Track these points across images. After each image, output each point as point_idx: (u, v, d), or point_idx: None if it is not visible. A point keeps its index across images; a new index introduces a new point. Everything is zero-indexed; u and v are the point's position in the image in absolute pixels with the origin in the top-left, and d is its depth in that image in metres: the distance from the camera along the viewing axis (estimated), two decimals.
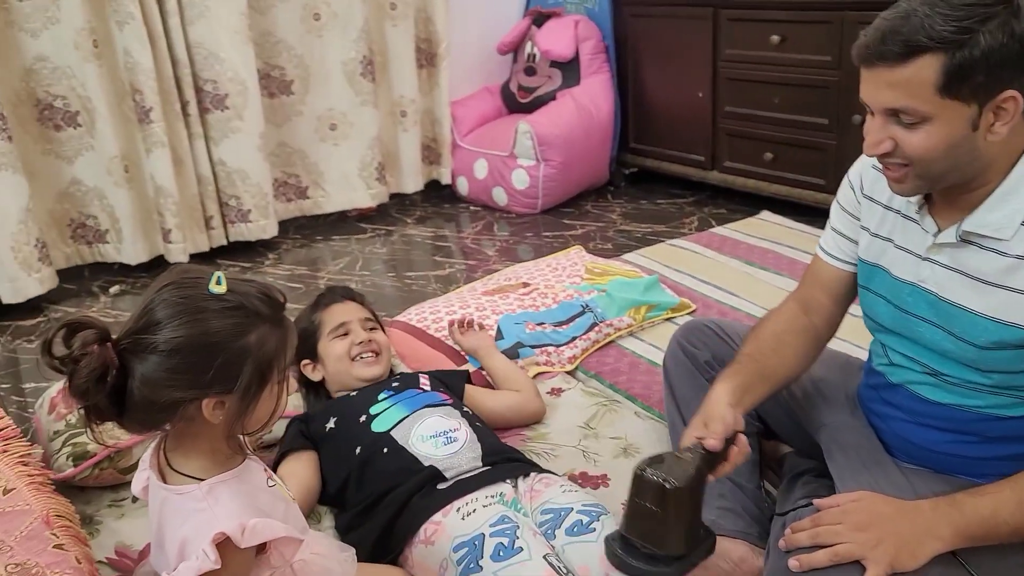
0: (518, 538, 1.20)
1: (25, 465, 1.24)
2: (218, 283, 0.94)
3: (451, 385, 1.65)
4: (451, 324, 1.93)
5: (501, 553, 1.18)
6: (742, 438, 1.19)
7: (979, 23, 0.97)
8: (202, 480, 0.97)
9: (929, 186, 1.10)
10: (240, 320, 0.94)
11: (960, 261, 1.12)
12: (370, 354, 1.63)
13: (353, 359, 1.62)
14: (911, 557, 1.06)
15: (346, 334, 1.64)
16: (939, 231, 1.14)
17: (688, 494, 1.08)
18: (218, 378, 0.92)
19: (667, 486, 1.05)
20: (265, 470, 1.07)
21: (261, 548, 1.00)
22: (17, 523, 1.05)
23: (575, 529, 1.23)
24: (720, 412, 1.19)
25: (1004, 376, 1.13)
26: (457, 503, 1.29)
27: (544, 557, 1.18)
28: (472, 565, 1.18)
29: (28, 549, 1.00)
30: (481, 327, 1.93)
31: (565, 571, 1.17)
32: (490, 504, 1.29)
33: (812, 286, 1.38)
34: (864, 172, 1.28)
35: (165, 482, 0.99)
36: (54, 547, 1.02)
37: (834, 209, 1.34)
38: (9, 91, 2.56)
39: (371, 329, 1.68)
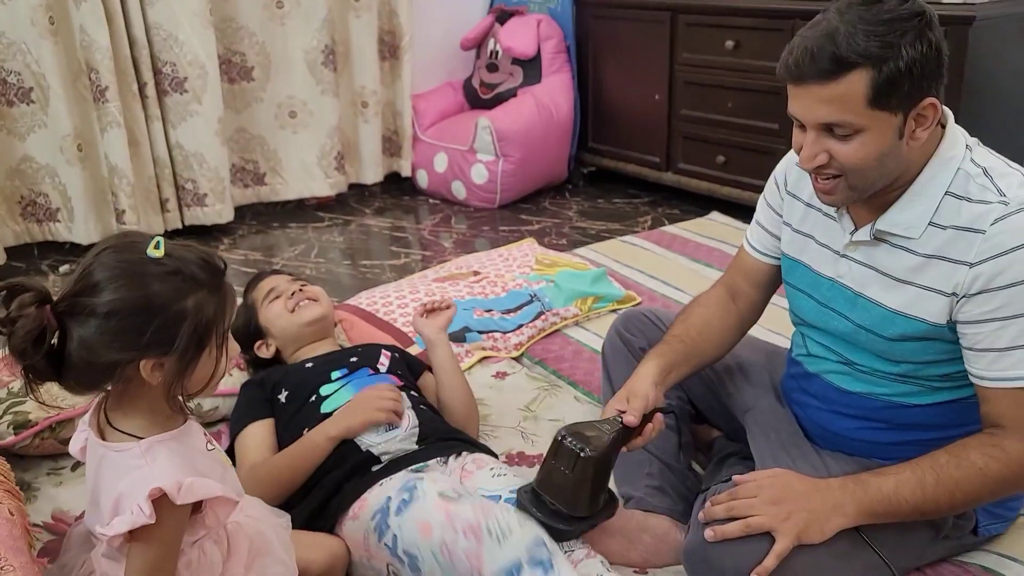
0: (416, 488, 1.24)
1: None
2: (156, 247, 0.95)
3: (411, 366, 1.66)
4: (417, 308, 1.89)
5: (401, 507, 1.23)
6: (659, 417, 1.27)
7: (899, 37, 1.02)
8: (141, 439, 0.98)
9: (858, 196, 1.15)
10: (178, 284, 0.95)
11: (873, 258, 1.18)
12: (305, 301, 1.66)
13: (291, 311, 1.64)
14: (819, 531, 1.12)
15: (278, 296, 1.67)
16: (856, 229, 1.20)
17: (600, 463, 1.17)
18: (155, 340, 0.93)
19: (582, 455, 1.16)
20: (204, 434, 1.08)
21: (196, 508, 1.01)
22: None
23: None
24: (643, 390, 1.26)
25: (911, 366, 1.20)
26: (384, 480, 1.32)
27: (438, 493, 1.21)
28: (383, 526, 1.23)
29: None
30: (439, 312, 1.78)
31: (456, 497, 1.21)
32: (407, 474, 1.31)
33: (737, 275, 1.45)
34: (788, 170, 1.33)
35: (104, 439, 1.00)
36: None
37: (760, 204, 1.40)
38: None
39: (301, 286, 1.69)
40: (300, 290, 1.67)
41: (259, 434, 1.47)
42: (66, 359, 0.94)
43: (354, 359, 1.58)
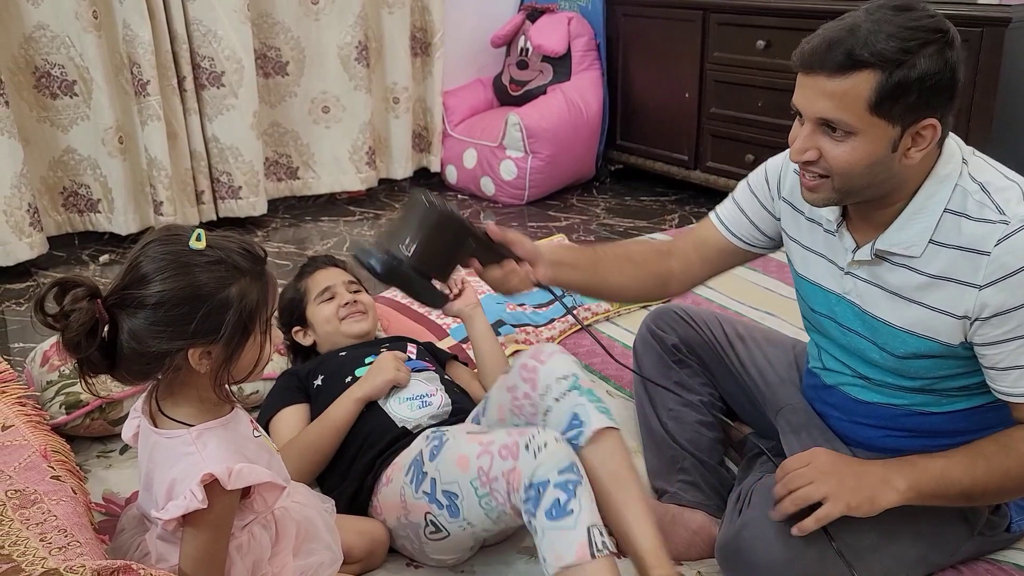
0: (445, 435, 1.28)
1: (22, 406, 1.29)
2: (198, 239, 0.98)
3: (437, 356, 1.70)
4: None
5: (434, 451, 1.26)
6: (527, 268, 1.26)
7: (919, 47, 1.01)
8: (191, 426, 1.02)
9: (840, 199, 1.14)
10: (222, 273, 0.98)
11: (878, 276, 1.18)
12: (357, 313, 1.69)
13: (342, 320, 1.68)
14: (869, 503, 1.11)
15: (332, 297, 1.70)
16: (856, 247, 1.19)
17: (444, 220, 1.16)
18: (202, 328, 0.96)
19: (427, 201, 1.16)
20: (251, 421, 1.12)
21: (245, 494, 1.05)
22: (16, 456, 1.10)
23: (554, 512, 1.20)
24: (533, 243, 1.29)
25: (926, 380, 1.20)
26: (410, 443, 1.37)
27: (467, 432, 1.26)
28: (418, 475, 1.27)
29: (27, 479, 1.05)
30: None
31: (485, 430, 1.25)
32: (430, 431, 1.35)
33: (688, 241, 1.45)
34: (785, 174, 1.32)
35: (156, 427, 1.04)
36: (51, 478, 1.07)
37: (743, 189, 1.39)
38: (7, 57, 2.59)
39: (355, 291, 1.74)
40: (355, 301, 1.70)
41: (291, 418, 1.52)
42: (118, 350, 0.97)
43: (384, 348, 1.64)
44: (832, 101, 1.05)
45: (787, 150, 1.30)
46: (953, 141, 1.13)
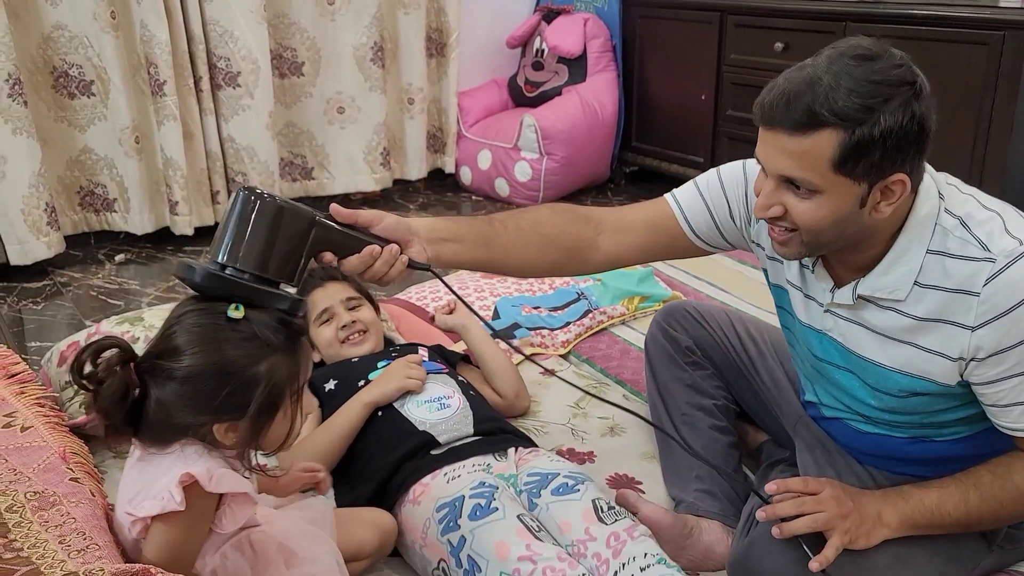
0: (494, 500, 1.26)
1: (41, 407, 1.29)
2: (236, 309, 0.96)
3: (447, 358, 1.70)
4: (437, 311, 1.97)
5: (477, 512, 1.24)
6: (392, 248, 1.09)
7: (882, 103, 0.95)
8: None
9: (812, 252, 1.11)
10: (252, 350, 0.96)
11: (861, 316, 1.14)
12: (356, 334, 1.65)
13: (342, 342, 1.65)
14: (865, 538, 1.12)
15: (330, 319, 1.67)
16: (835, 286, 1.15)
17: (269, 214, 0.98)
18: (227, 405, 0.95)
19: (244, 191, 0.99)
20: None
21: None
22: (35, 457, 1.10)
23: (561, 490, 1.29)
24: (400, 219, 1.13)
25: (923, 415, 1.17)
26: (446, 468, 1.35)
27: (518, 516, 1.23)
28: (451, 524, 1.24)
29: (46, 480, 1.05)
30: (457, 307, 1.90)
31: (537, 528, 1.22)
32: (475, 471, 1.34)
33: (636, 217, 1.32)
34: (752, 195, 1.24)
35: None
36: (70, 480, 1.07)
37: (712, 179, 1.29)
38: (26, 58, 2.61)
39: (355, 308, 1.69)
40: (353, 321, 1.65)
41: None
42: (144, 416, 0.97)
43: (395, 354, 1.63)
44: (793, 160, 1.00)
45: (739, 162, 1.28)
46: (928, 176, 1.08)
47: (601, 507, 1.25)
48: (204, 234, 2.96)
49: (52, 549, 0.93)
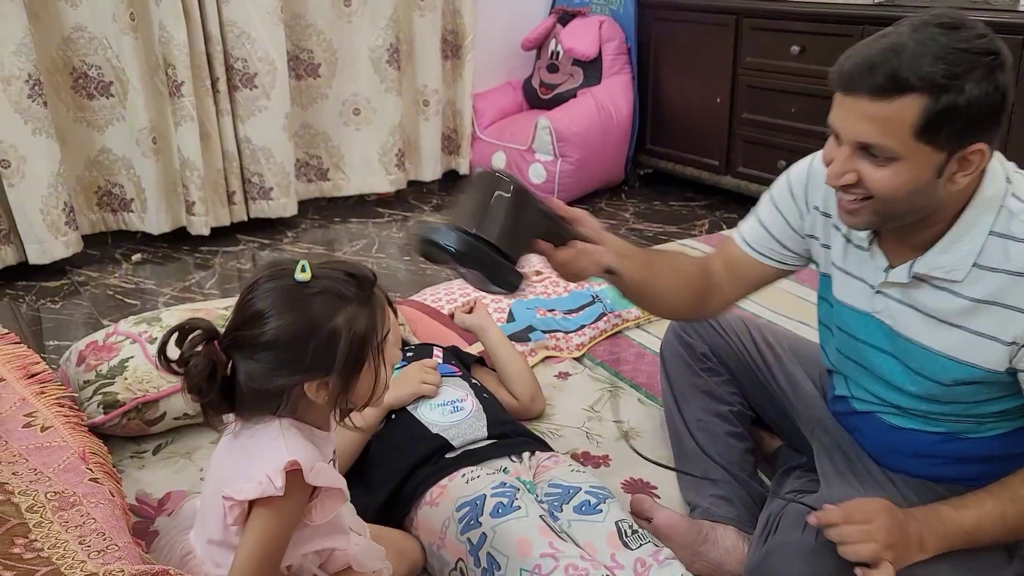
0: (516, 499, 1.26)
1: (61, 407, 1.30)
2: (303, 271, 0.97)
3: (463, 360, 1.70)
4: (456, 309, 1.97)
5: (499, 510, 1.23)
6: (599, 249, 1.15)
7: (967, 71, 0.95)
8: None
9: (881, 223, 1.09)
10: (328, 304, 0.97)
11: (913, 298, 1.13)
12: None
13: None
14: (903, 563, 1.11)
15: None
16: (889, 266, 1.14)
17: (514, 194, 1.05)
18: (316, 362, 0.96)
19: (495, 172, 1.07)
20: (334, 451, 1.10)
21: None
22: (55, 457, 1.11)
23: (583, 508, 1.28)
24: (592, 218, 1.18)
25: (963, 406, 1.16)
26: (464, 470, 1.35)
27: (540, 516, 1.23)
28: (472, 522, 1.24)
29: (66, 480, 1.06)
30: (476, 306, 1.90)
31: (559, 530, 1.22)
32: (493, 473, 1.34)
33: (718, 260, 1.38)
34: (813, 184, 1.25)
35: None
36: (89, 480, 1.08)
37: (765, 204, 1.32)
38: (46, 59, 2.63)
39: None
40: None
41: None
42: (237, 390, 0.98)
43: (410, 355, 1.64)
44: (874, 125, 0.99)
45: (808, 157, 1.28)
46: (996, 160, 1.08)
47: (625, 531, 1.24)
48: (220, 234, 2.97)
49: (72, 550, 0.94)
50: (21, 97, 2.46)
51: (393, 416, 1.48)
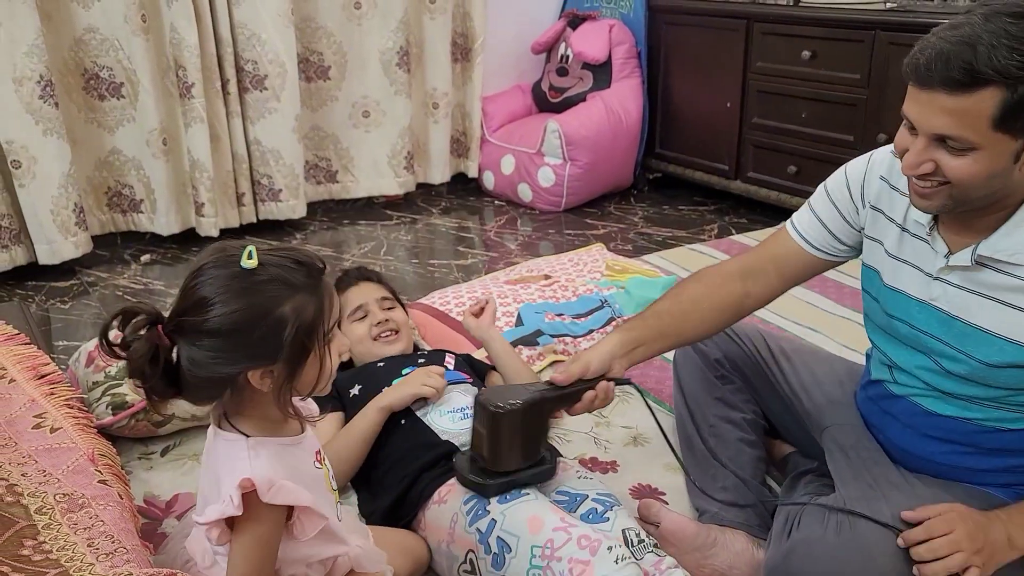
0: (523, 489, 1.26)
1: (71, 408, 1.30)
2: (249, 258, 0.96)
3: (476, 367, 1.70)
4: (464, 312, 1.97)
5: (507, 496, 1.24)
6: (604, 385, 1.25)
7: None
8: (250, 436, 1.00)
9: (955, 207, 1.10)
10: (275, 292, 0.96)
11: (975, 281, 1.14)
12: (389, 333, 1.69)
13: (374, 339, 1.68)
14: (994, 565, 1.11)
15: (364, 316, 1.70)
16: (949, 252, 1.15)
17: (514, 418, 1.21)
18: (261, 350, 0.95)
19: (491, 409, 1.20)
20: (318, 453, 1.10)
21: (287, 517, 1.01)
22: (64, 458, 1.11)
23: (590, 516, 1.27)
24: (589, 356, 1.27)
25: (1006, 392, 1.16)
26: None
27: (550, 499, 1.24)
28: (480, 511, 1.24)
29: (74, 482, 1.06)
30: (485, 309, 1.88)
31: (572, 522, 1.20)
32: None
33: (764, 256, 1.39)
34: (870, 181, 1.28)
35: (220, 428, 1.02)
36: (98, 482, 1.08)
37: (821, 198, 1.34)
38: (58, 60, 2.64)
39: (388, 308, 1.74)
40: (386, 320, 1.70)
41: (322, 427, 1.52)
42: (182, 376, 0.97)
43: (422, 360, 1.64)
44: (952, 118, 1.00)
45: (867, 155, 1.30)
46: None
47: (631, 540, 1.24)
48: (229, 236, 2.98)
49: (81, 552, 0.94)
50: (33, 98, 2.47)
51: (403, 421, 1.48)
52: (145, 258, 2.85)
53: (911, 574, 1.11)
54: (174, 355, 0.96)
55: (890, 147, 1.24)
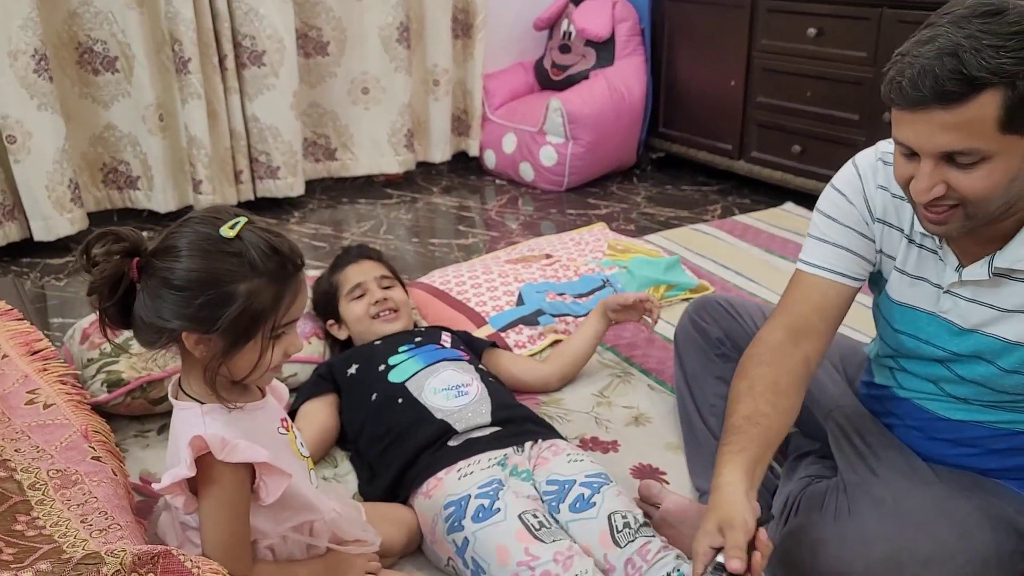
0: (498, 499, 1.24)
1: (64, 384, 1.28)
2: (231, 228, 0.95)
3: (473, 345, 1.68)
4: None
5: (480, 514, 1.22)
6: (762, 535, 1.03)
7: None
8: (203, 403, 1.00)
9: (974, 226, 1.04)
10: (235, 267, 0.95)
11: (990, 293, 1.09)
12: (388, 312, 1.67)
13: (373, 318, 1.66)
14: None
15: (363, 295, 1.68)
16: (960, 264, 1.10)
17: None
18: (200, 316, 0.95)
19: None
20: (284, 420, 1.09)
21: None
22: (57, 435, 1.09)
23: (577, 505, 1.27)
24: (741, 516, 1.02)
25: (1014, 396, 1.13)
26: (461, 463, 1.33)
27: (519, 516, 1.21)
28: (456, 524, 1.24)
29: (68, 458, 1.04)
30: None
31: (538, 527, 1.20)
32: (489, 466, 1.32)
33: (803, 307, 1.24)
34: (872, 192, 1.20)
35: (176, 399, 1.03)
36: (92, 458, 1.07)
37: (825, 223, 1.23)
38: (52, 33, 2.60)
39: (387, 287, 1.72)
40: (385, 299, 1.68)
41: (310, 409, 1.53)
42: (133, 312, 0.98)
43: (419, 338, 1.62)
44: (956, 132, 0.94)
45: (849, 167, 1.22)
46: None
47: (616, 526, 1.22)
48: None
49: (74, 528, 0.92)
50: (27, 72, 2.43)
51: (400, 400, 1.46)
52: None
53: (908, 560, 1.10)
54: (129, 290, 0.97)
55: (872, 151, 1.20)
